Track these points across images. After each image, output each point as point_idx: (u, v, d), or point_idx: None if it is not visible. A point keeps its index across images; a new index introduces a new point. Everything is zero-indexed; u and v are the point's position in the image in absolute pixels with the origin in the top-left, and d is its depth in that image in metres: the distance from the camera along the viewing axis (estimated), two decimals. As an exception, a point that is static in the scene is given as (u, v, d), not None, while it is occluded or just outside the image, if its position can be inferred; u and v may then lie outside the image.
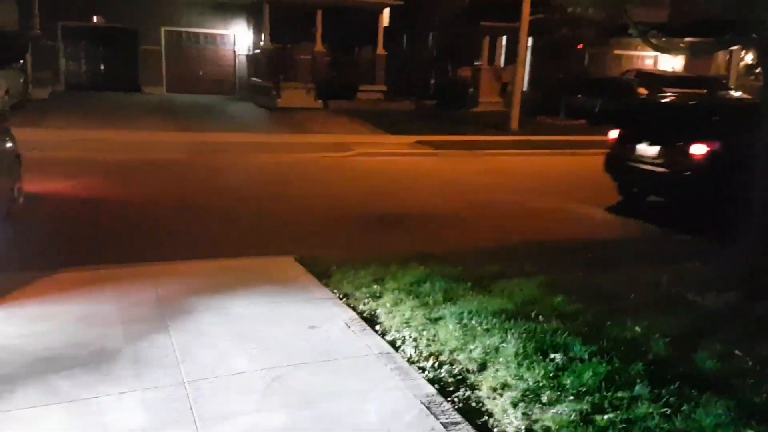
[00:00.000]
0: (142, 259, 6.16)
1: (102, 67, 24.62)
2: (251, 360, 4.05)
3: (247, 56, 25.59)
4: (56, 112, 17.17)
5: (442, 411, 3.50)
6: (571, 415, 3.39)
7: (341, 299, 5.17)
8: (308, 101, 21.30)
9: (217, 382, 3.76)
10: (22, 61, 18.65)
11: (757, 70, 26.97)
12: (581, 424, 3.32)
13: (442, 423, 3.38)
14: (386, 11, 23.08)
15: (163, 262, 6.05)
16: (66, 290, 5.18)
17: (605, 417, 3.38)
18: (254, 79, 23.84)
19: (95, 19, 23.53)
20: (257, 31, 24.02)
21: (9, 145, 7.59)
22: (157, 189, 9.89)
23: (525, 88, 21.56)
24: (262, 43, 22.48)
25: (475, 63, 24.48)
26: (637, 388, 3.65)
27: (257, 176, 11.38)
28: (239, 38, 25.80)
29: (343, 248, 6.44)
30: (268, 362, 4.02)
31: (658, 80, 24.09)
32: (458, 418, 3.44)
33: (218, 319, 4.70)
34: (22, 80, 17.91)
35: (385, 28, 22.87)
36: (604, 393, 3.60)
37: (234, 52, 26.06)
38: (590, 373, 3.76)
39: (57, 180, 9.75)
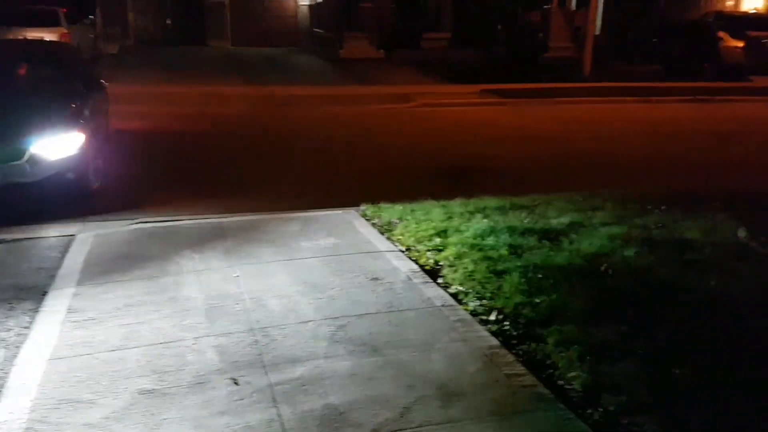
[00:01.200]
0: (224, 204, 6.44)
1: (169, 22, 25.04)
2: (317, 309, 4.14)
3: (309, 6, 25.44)
4: (125, 67, 17.68)
5: (506, 363, 3.50)
6: (640, 369, 3.32)
7: (404, 252, 5.19)
8: (371, 51, 21.06)
9: (284, 329, 3.88)
10: (91, 17, 19.16)
11: None
12: (651, 379, 3.26)
13: (505, 374, 3.39)
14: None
15: (231, 214, 6.22)
16: (140, 243, 5.42)
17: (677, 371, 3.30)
18: (316, 29, 23.73)
19: (162, -27, 23.88)
20: (319, -19, 23.80)
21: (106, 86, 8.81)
22: (228, 142, 10.11)
23: (598, 32, 20.58)
24: (324, -7, 22.29)
25: (545, 6, 23.49)
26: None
27: (321, 128, 11.44)
28: (301, -12, 25.66)
29: (407, 200, 6.42)
30: (334, 312, 4.10)
31: (739, 22, 22.57)
32: (522, 369, 3.44)
33: (284, 270, 4.81)
34: (92, 36, 18.43)
35: (450, -27, 22.22)
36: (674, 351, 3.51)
37: (296, 2, 25.95)
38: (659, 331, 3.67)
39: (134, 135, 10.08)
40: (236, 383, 3.31)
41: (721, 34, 21.00)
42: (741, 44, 21.12)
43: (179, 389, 3.28)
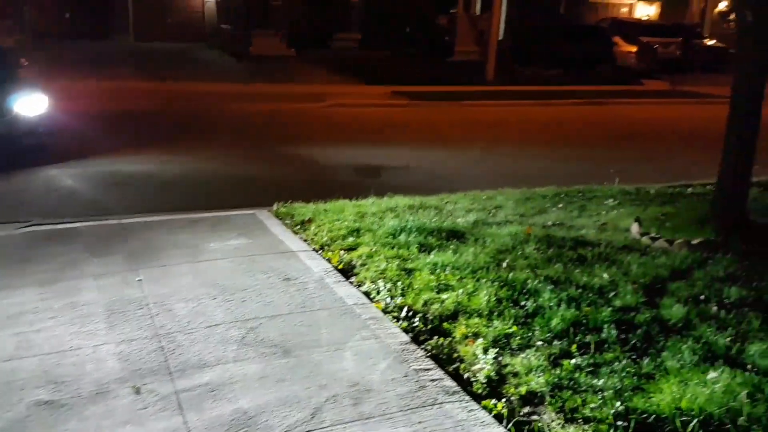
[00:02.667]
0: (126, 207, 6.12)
1: (68, 16, 23.76)
2: (226, 312, 4.07)
3: (216, 2, 24.85)
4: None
5: (415, 358, 3.58)
6: (540, 359, 3.49)
7: (316, 251, 5.19)
8: (281, 49, 20.85)
9: (192, 334, 3.79)
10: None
11: (731, 17, 27.01)
12: (549, 367, 3.43)
13: (414, 369, 3.46)
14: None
15: (134, 215, 6.01)
16: (34, 246, 5.13)
17: (572, 361, 3.48)
18: (224, 25, 23.22)
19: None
20: (227, -24, 23.28)
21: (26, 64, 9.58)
22: (129, 140, 9.72)
23: (501, 37, 21.29)
24: (232, -11, 21.82)
25: (452, 10, 24.08)
26: (604, 332, 3.76)
27: (229, 127, 11.21)
28: (208, -17, 25.00)
29: (318, 200, 6.42)
30: (244, 314, 4.05)
31: (633, 28, 24.00)
32: (430, 364, 3.52)
33: (193, 272, 4.70)
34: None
35: (360, -27, 22.33)
36: (572, 338, 3.70)
37: (203, -3, 25.27)
38: (558, 319, 3.86)
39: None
40: (138, 392, 3.21)
41: (615, 39, 22.28)
42: (634, 49, 22.51)
43: (78, 399, 3.14)
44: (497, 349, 3.62)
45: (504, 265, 4.74)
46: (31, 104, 7.67)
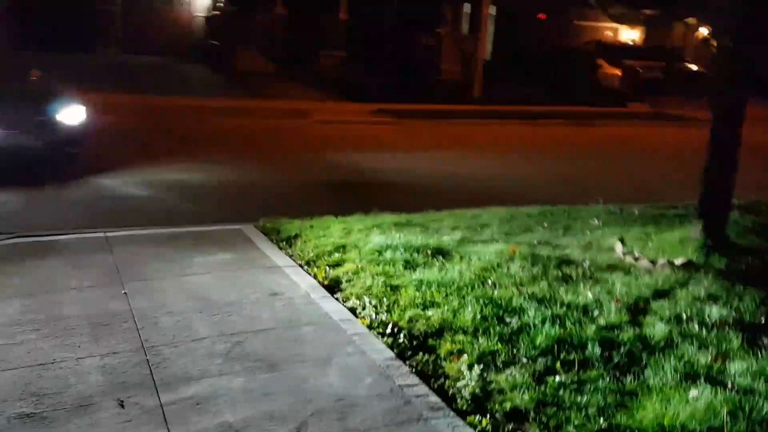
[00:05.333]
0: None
1: (55, 27, 23.64)
2: (212, 326, 4.06)
3: (205, 18, 24.95)
4: None
5: (400, 374, 3.59)
6: (524, 376, 3.51)
7: (302, 267, 5.19)
8: (266, 65, 20.94)
9: (177, 347, 3.77)
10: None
11: (713, 43, 27.55)
12: (534, 384, 3.45)
13: (399, 385, 3.47)
14: (348, -25, 22.70)
15: (119, 228, 5.98)
16: (18, 259, 5.09)
17: (557, 378, 3.51)
18: (211, 41, 23.29)
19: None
20: (215, -8, 23.41)
21: None
22: (109, 152, 9.68)
23: (488, 57, 21.58)
24: (220, 4, 21.91)
25: (438, 30, 24.32)
26: (588, 350, 3.79)
27: (213, 142, 11.21)
28: (196, -1, 25.11)
29: (305, 216, 6.43)
30: (230, 329, 4.04)
31: (617, 51, 24.43)
32: (415, 380, 3.53)
33: (177, 286, 4.68)
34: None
35: (346, -8, 22.53)
36: (557, 355, 3.73)
37: (191, 13, 25.35)
38: (543, 337, 3.89)
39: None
40: (122, 405, 3.18)
41: (600, 61, 22.66)
42: (618, 72, 22.89)
43: (61, 413, 3.10)
44: (482, 366, 3.63)
45: (489, 282, 4.78)
46: (72, 114, 7.91)
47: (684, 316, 4.32)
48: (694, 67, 24.74)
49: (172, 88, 17.04)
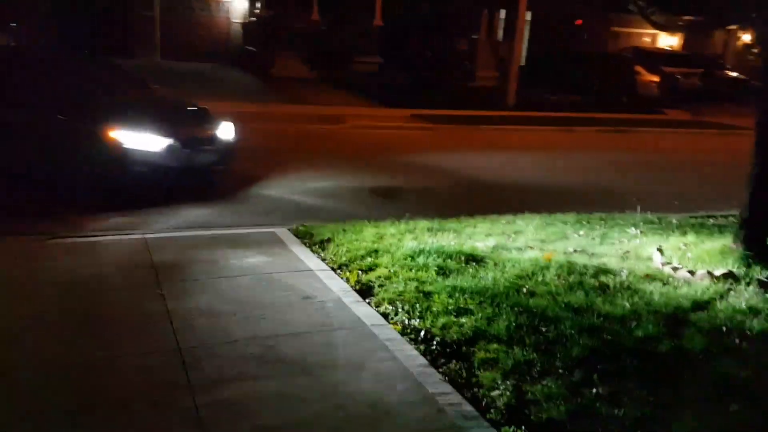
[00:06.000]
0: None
1: (94, 33, 24.22)
2: (246, 329, 4.10)
3: (242, 24, 25.27)
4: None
5: (433, 381, 3.57)
6: (560, 387, 3.46)
7: (335, 270, 5.21)
8: (302, 71, 21.09)
9: (212, 349, 3.81)
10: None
11: (755, 50, 26.90)
12: (569, 395, 3.40)
13: (432, 392, 3.45)
14: (384, -19, 22.78)
15: (156, 231, 6.08)
16: (52, 258, 5.21)
17: (593, 390, 3.45)
18: (248, 47, 23.59)
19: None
20: (253, -1, 23.74)
21: None
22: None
23: (522, 63, 21.39)
24: (257, 11, 22.19)
25: (473, 36, 24.26)
26: (624, 361, 3.72)
27: (251, 146, 11.32)
28: (234, 5, 25.43)
29: (339, 220, 6.45)
30: (264, 331, 4.07)
31: (655, 58, 24.02)
32: (448, 388, 3.51)
33: (213, 288, 4.74)
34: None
35: (382, -2, 22.61)
36: (593, 366, 3.67)
37: (228, 19, 25.71)
38: (579, 348, 3.83)
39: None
40: (156, 405, 3.22)
41: (638, 68, 22.29)
42: (656, 79, 22.50)
43: (98, 410, 3.16)
44: (517, 376, 3.59)
45: (524, 290, 4.73)
46: (227, 129, 8.20)
47: (724, 329, 4.22)
48: (733, 74, 24.19)
49: (223, 92, 17.22)
